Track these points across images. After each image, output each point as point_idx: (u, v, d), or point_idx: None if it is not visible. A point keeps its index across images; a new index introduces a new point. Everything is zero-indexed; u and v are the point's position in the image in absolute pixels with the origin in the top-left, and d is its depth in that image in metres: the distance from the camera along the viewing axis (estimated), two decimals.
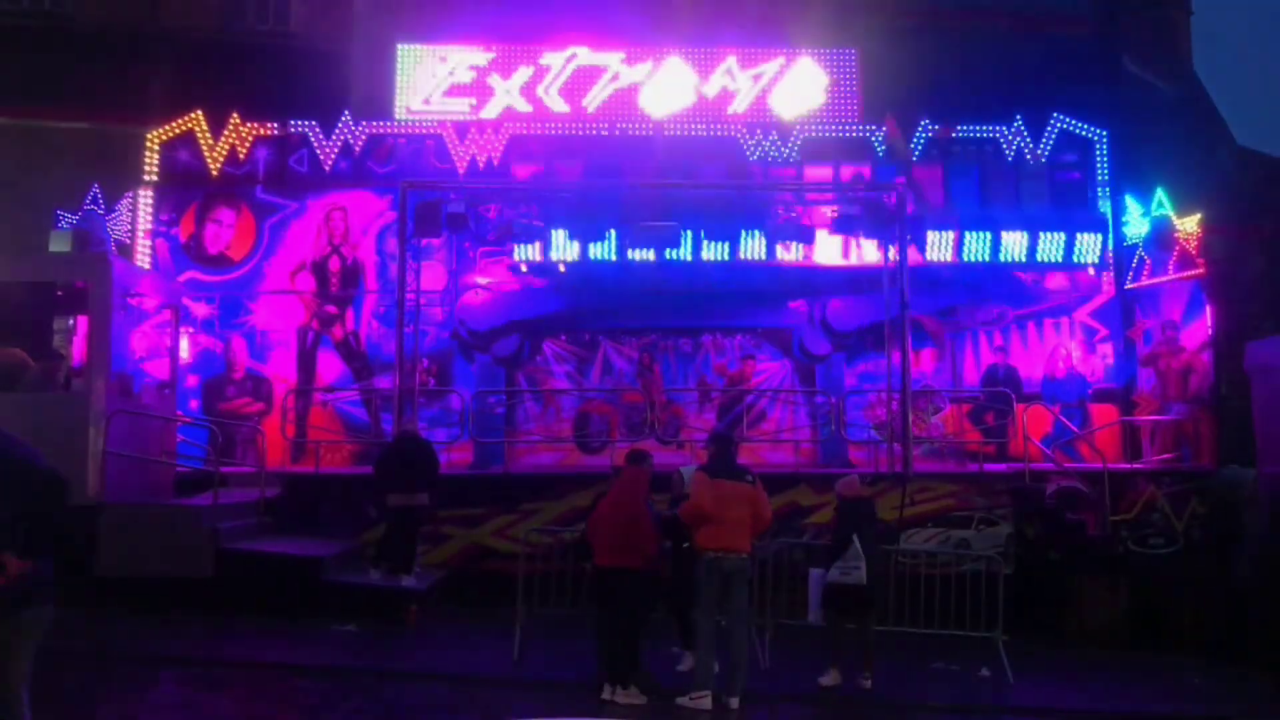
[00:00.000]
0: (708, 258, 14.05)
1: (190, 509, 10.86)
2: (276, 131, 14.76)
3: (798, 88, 15.12)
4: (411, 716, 7.78)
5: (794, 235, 14.22)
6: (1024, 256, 14.37)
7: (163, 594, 10.31)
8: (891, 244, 12.98)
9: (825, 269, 14.39)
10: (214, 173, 14.57)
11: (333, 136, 14.70)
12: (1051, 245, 14.45)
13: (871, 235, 13.60)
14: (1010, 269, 14.64)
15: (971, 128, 15.04)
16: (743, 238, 14.03)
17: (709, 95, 15.13)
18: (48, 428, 10.18)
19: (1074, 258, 14.55)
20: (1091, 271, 14.76)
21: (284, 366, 14.49)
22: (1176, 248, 13.62)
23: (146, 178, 14.48)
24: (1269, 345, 11.81)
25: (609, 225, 14.10)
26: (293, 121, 14.76)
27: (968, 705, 8.69)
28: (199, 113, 14.55)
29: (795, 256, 14.16)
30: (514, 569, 9.73)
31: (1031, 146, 14.88)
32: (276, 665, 8.94)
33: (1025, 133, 14.91)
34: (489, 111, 15.06)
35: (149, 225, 14.44)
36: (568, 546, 9.66)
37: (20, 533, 4.76)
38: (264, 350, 14.49)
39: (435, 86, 15.12)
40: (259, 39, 17.55)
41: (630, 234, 13.57)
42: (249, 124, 14.69)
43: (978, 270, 14.48)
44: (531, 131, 14.90)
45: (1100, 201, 15.00)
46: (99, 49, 16.86)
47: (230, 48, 17.25)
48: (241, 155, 14.64)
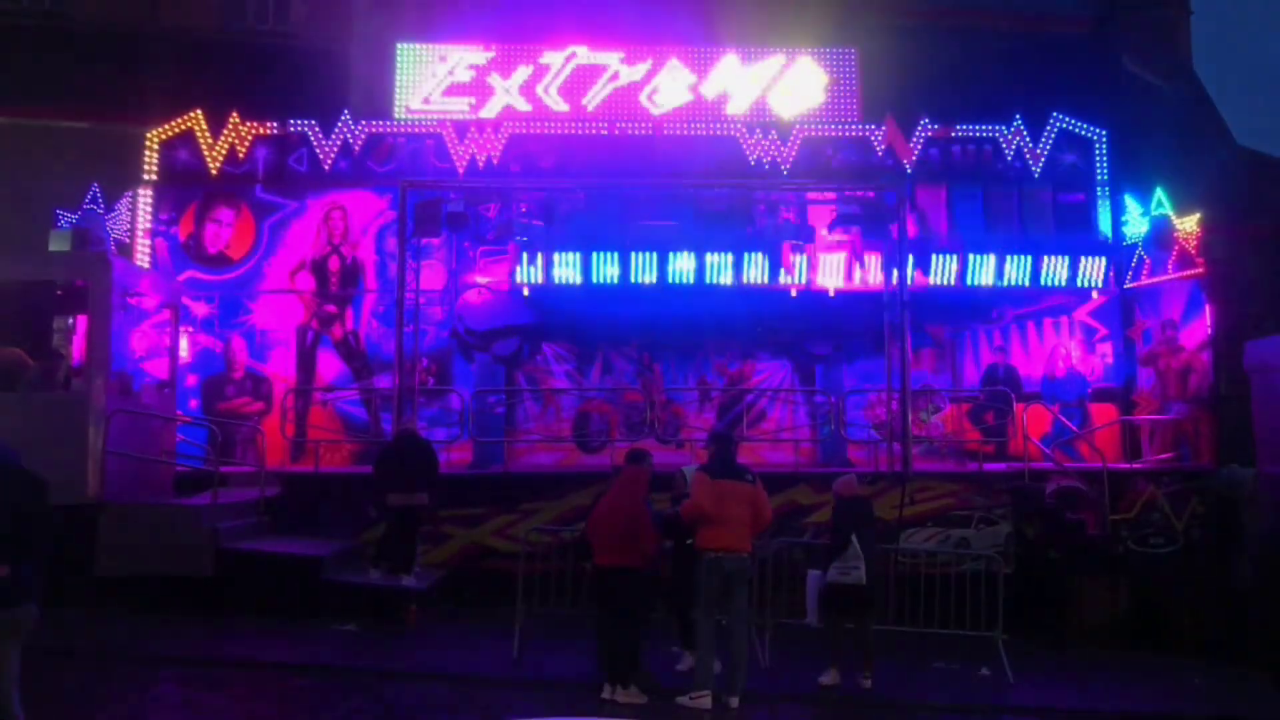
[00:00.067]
0: (710, 281, 13.78)
1: (190, 508, 10.86)
2: (276, 131, 14.73)
3: (797, 87, 15.12)
4: (411, 716, 7.78)
5: (794, 234, 14.25)
6: (1027, 280, 14.24)
7: (162, 594, 10.32)
8: (891, 255, 12.98)
9: (832, 297, 14.10)
10: (213, 172, 14.55)
11: (332, 136, 14.69)
12: (1055, 268, 14.27)
13: (870, 234, 13.62)
14: (1012, 292, 14.54)
15: (971, 127, 15.00)
16: (745, 260, 13.81)
17: (708, 95, 15.12)
18: (47, 427, 10.23)
19: (1078, 281, 14.38)
20: (1095, 295, 14.71)
21: (283, 366, 14.47)
22: (1176, 247, 13.62)
23: (146, 177, 14.45)
24: (1269, 345, 11.82)
25: (608, 225, 14.11)
26: (292, 121, 14.73)
27: (968, 705, 8.70)
28: (198, 112, 14.53)
29: (799, 280, 13.91)
30: (514, 569, 9.74)
31: (1031, 146, 14.86)
32: (276, 665, 8.95)
33: (1025, 132, 14.90)
34: (488, 111, 15.05)
35: (148, 224, 14.41)
36: (567, 546, 9.67)
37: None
38: (264, 350, 14.47)
39: (435, 86, 15.11)
40: (259, 38, 17.58)
41: (630, 234, 13.52)
42: (248, 123, 14.67)
43: (980, 294, 14.41)
44: (531, 131, 14.88)
45: (1100, 202, 14.97)
46: (99, 49, 16.87)
47: (230, 47, 17.28)
48: (241, 155, 14.63)
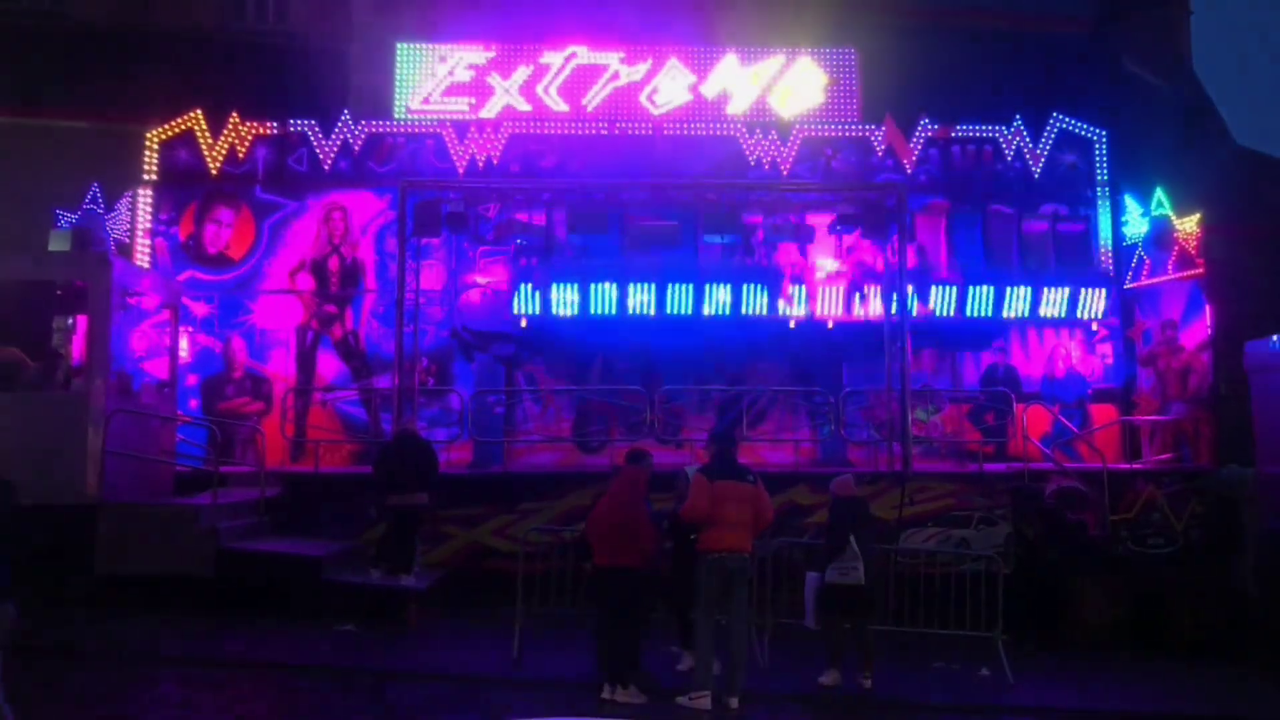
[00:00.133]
0: (709, 312, 13.73)
1: (190, 508, 10.86)
2: (276, 131, 14.72)
3: (797, 87, 15.09)
4: (411, 716, 7.79)
5: (793, 235, 14.26)
6: (1027, 311, 14.24)
7: (162, 594, 10.33)
8: (889, 251, 13.00)
9: (830, 329, 14.06)
10: (213, 172, 14.54)
11: (332, 136, 14.68)
12: (1055, 299, 14.22)
13: (870, 235, 13.61)
14: (1012, 324, 14.52)
15: (971, 127, 14.99)
16: (744, 292, 13.76)
17: (708, 95, 15.10)
18: (47, 427, 10.26)
19: (1078, 313, 14.32)
20: (1095, 327, 14.67)
21: (283, 366, 14.47)
22: (1176, 247, 13.62)
23: (146, 177, 14.44)
24: (1269, 345, 11.81)
25: (609, 224, 14.10)
26: (292, 121, 14.72)
27: (967, 705, 8.70)
28: (198, 112, 14.53)
29: (799, 311, 13.89)
30: (514, 568, 9.73)
31: (1031, 147, 14.86)
32: (276, 665, 8.96)
33: (1025, 132, 14.89)
34: (488, 111, 15.04)
35: (148, 225, 14.41)
36: (567, 546, 9.67)
37: None
38: (263, 350, 14.47)
39: (435, 86, 15.09)
40: (259, 38, 17.59)
41: (630, 234, 13.53)
42: (248, 123, 14.66)
43: (980, 324, 14.35)
44: (531, 131, 14.88)
45: (1100, 202, 14.97)
46: (99, 48, 16.88)
47: (230, 47, 17.29)
48: (241, 154, 14.62)
